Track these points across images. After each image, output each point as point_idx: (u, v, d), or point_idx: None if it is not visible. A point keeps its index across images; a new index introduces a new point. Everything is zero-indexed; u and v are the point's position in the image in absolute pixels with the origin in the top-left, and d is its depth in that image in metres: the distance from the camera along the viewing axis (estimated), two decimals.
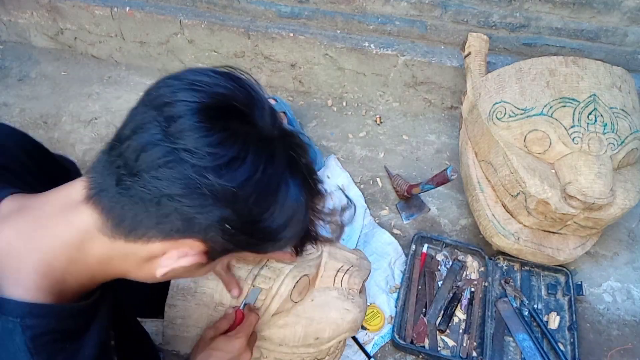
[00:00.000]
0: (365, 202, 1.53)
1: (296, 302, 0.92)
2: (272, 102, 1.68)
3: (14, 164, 0.64)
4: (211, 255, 0.56)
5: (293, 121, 1.64)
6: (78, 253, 0.54)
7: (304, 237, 0.67)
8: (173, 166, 0.48)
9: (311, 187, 0.59)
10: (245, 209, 0.51)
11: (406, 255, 1.38)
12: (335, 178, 1.57)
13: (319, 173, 1.53)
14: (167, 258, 0.54)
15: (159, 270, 0.55)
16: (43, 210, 0.55)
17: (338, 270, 0.98)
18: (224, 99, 0.51)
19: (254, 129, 0.52)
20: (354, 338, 1.23)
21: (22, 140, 0.69)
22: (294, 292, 0.90)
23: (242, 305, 0.87)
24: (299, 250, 0.70)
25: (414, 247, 1.37)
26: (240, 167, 0.49)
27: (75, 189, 0.54)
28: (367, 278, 1.04)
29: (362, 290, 1.02)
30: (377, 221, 1.49)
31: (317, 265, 0.96)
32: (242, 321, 0.85)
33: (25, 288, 0.51)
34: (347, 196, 0.69)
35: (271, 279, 0.90)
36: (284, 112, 1.65)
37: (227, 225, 0.51)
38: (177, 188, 0.48)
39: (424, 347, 1.22)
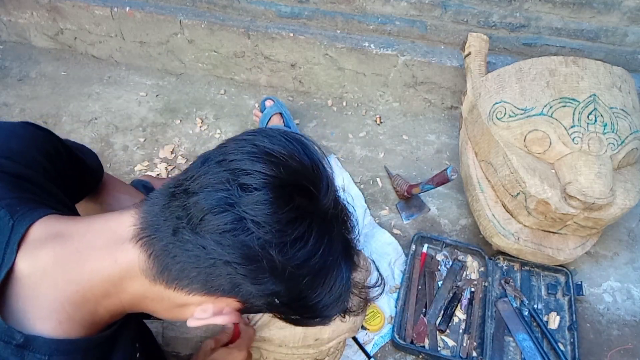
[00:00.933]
0: (365, 202, 1.53)
1: None
2: (269, 103, 1.68)
3: (36, 173, 0.62)
4: (244, 312, 0.57)
5: (289, 121, 1.64)
6: (115, 289, 0.54)
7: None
8: (238, 234, 0.48)
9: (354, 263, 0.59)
10: (297, 288, 0.51)
11: (406, 255, 1.38)
12: (335, 178, 1.57)
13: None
14: (202, 310, 0.54)
15: (192, 322, 0.55)
16: (85, 240, 0.53)
17: None
18: (297, 176, 0.51)
19: (318, 208, 0.52)
20: (354, 338, 1.23)
21: (45, 143, 0.66)
22: None
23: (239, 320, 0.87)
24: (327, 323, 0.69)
25: (414, 247, 1.37)
26: (303, 248, 0.49)
27: (124, 224, 0.53)
28: (368, 279, 1.04)
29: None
30: (377, 221, 1.49)
31: None
32: (239, 335, 0.86)
33: (57, 321, 0.51)
34: (379, 271, 0.69)
35: None
36: (280, 113, 1.65)
37: (276, 300, 0.52)
38: (238, 256, 0.48)
39: (424, 347, 1.22)
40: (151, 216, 0.52)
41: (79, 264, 0.52)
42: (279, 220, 0.48)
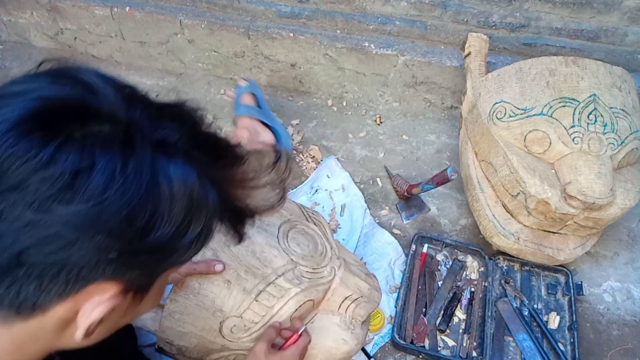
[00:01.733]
0: (365, 202, 1.53)
1: None
2: (243, 82, 1.64)
3: None
4: (131, 290, 0.44)
5: (261, 102, 1.61)
6: None
7: (238, 217, 0.52)
8: (7, 215, 0.36)
9: (210, 150, 0.46)
10: (122, 225, 0.38)
11: (406, 255, 1.38)
12: (335, 178, 1.57)
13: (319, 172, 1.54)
14: (81, 316, 0.43)
15: (78, 332, 0.44)
16: None
17: (346, 298, 0.97)
18: (47, 101, 0.38)
19: (94, 119, 0.39)
20: None
21: None
22: (294, 315, 0.90)
23: (302, 328, 0.86)
24: (240, 233, 0.54)
25: (414, 247, 1.37)
26: (90, 178, 0.37)
27: None
28: (373, 311, 1.04)
29: (365, 322, 1.02)
30: (377, 221, 1.49)
31: (325, 289, 0.95)
32: (294, 340, 0.85)
33: None
34: (273, 149, 0.52)
35: (275, 298, 0.89)
36: (252, 93, 1.61)
37: (110, 255, 0.39)
38: (25, 240, 0.36)
39: (424, 347, 1.22)
40: None
41: None
42: (37, 167, 0.35)
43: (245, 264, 0.90)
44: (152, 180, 0.40)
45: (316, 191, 1.55)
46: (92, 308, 0.42)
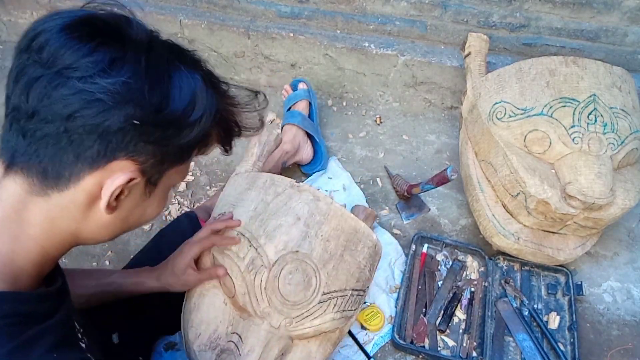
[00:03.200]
0: (366, 202, 1.53)
1: None
2: (302, 85, 1.67)
3: None
4: (146, 173, 0.56)
5: (314, 114, 1.63)
6: (18, 228, 0.53)
7: (227, 131, 0.68)
8: (61, 87, 0.49)
9: (209, 75, 0.60)
10: (144, 99, 0.51)
11: (406, 255, 1.38)
12: (336, 179, 1.57)
13: (320, 175, 1.54)
14: (105, 188, 0.54)
15: (102, 202, 0.54)
16: None
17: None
18: (87, 16, 0.52)
19: (125, 36, 0.53)
20: (354, 338, 1.23)
21: None
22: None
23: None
24: (227, 148, 0.70)
25: (414, 247, 1.37)
26: (123, 64, 0.50)
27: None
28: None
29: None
30: (377, 221, 1.49)
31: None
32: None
33: None
34: (248, 89, 0.70)
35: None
36: (310, 102, 1.64)
37: (135, 121, 0.51)
38: (74, 104, 0.49)
39: (424, 347, 1.22)
40: (5, 143, 0.53)
41: None
42: (85, 53, 0.49)
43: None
44: (167, 71, 0.54)
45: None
46: (113, 181, 0.53)
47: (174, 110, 0.54)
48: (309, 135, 1.58)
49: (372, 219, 1.37)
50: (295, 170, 1.61)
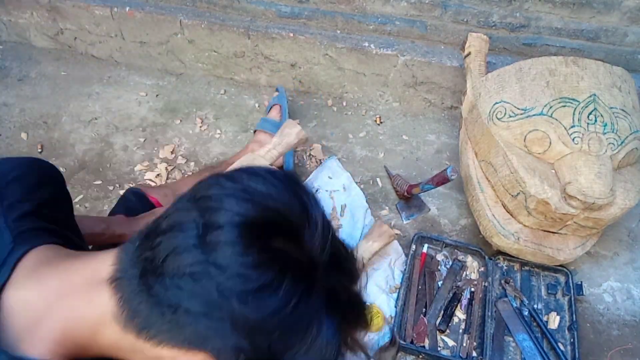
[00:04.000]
0: (367, 202, 1.53)
1: None
2: (274, 93, 1.68)
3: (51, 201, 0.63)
4: None
5: (284, 112, 1.64)
6: (90, 331, 0.51)
7: None
8: (198, 279, 0.44)
9: (350, 323, 0.52)
10: (264, 344, 0.45)
11: (406, 255, 1.38)
12: (337, 178, 1.57)
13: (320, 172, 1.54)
14: None
15: None
16: (69, 276, 0.52)
17: None
18: (273, 215, 0.46)
19: (297, 253, 0.46)
20: None
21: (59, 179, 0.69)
22: None
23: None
24: None
25: (414, 247, 1.37)
26: (270, 297, 0.43)
27: (105, 264, 0.51)
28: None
29: None
30: (394, 239, 1.48)
31: None
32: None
33: (39, 352, 0.48)
34: (394, 335, 0.61)
35: None
36: (279, 105, 1.65)
37: (242, 355, 0.45)
38: (197, 304, 0.44)
39: (424, 347, 1.22)
40: (126, 256, 0.49)
41: (60, 301, 0.50)
42: (243, 264, 0.43)
43: None
44: (308, 323, 0.46)
45: (316, 190, 1.55)
46: None
47: None
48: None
49: (386, 238, 1.33)
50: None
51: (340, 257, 0.50)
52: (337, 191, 1.54)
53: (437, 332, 1.25)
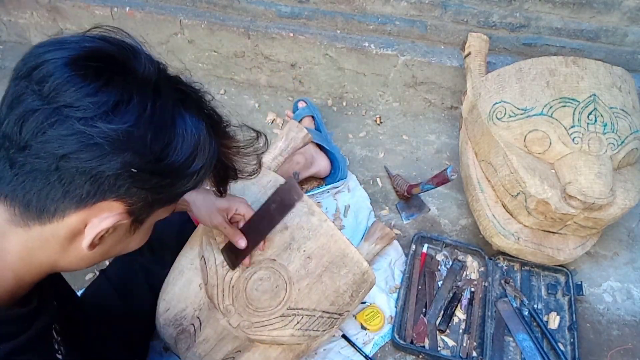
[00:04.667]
0: (370, 203, 1.53)
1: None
2: (301, 104, 1.67)
3: None
4: (134, 214, 0.54)
5: (320, 125, 1.63)
6: None
7: (224, 175, 0.67)
8: (59, 125, 0.46)
9: (214, 121, 0.58)
10: (145, 148, 0.49)
11: (406, 255, 1.38)
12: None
13: (341, 185, 1.53)
14: (89, 228, 0.52)
15: (84, 241, 0.53)
16: None
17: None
18: (93, 50, 0.49)
19: (132, 74, 0.50)
20: (349, 341, 1.23)
21: None
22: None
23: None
24: (222, 190, 0.70)
25: (414, 247, 1.37)
26: (127, 107, 0.48)
27: None
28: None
29: None
30: (395, 240, 1.48)
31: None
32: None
33: None
34: (252, 128, 0.68)
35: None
36: (312, 116, 1.64)
37: (133, 170, 0.49)
38: (70, 145, 0.46)
39: (424, 347, 1.22)
40: None
41: None
42: (88, 93, 0.46)
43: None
44: (171, 119, 0.52)
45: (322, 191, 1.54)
46: (100, 222, 0.52)
47: (174, 161, 0.52)
48: (321, 148, 1.57)
49: (387, 240, 1.34)
50: (321, 184, 1.59)
51: (178, 77, 0.57)
52: (342, 192, 1.54)
53: (437, 332, 1.25)
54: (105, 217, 0.52)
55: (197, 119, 0.55)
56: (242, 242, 0.88)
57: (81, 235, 0.53)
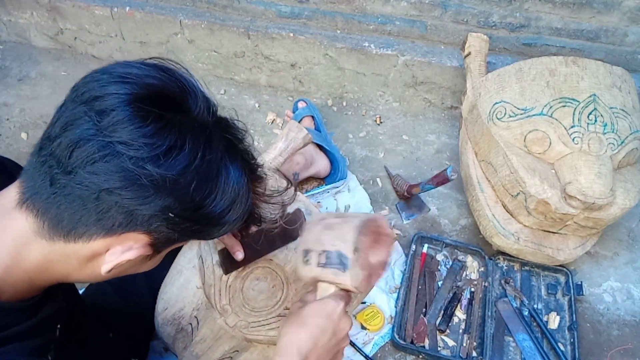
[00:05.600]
0: (370, 204, 1.53)
1: None
2: (301, 104, 1.67)
3: None
4: (156, 246, 0.56)
5: (320, 125, 1.63)
6: (13, 260, 0.53)
7: (248, 220, 0.68)
8: (110, 159, 0.47)
9: (251, 170, 0.60)
10: (187, 196, 0.51)
11: (406, 255, 1.38)
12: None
13: (341, 185, 1.53)
14: (110, 254, 0.54)
15: (104, 267, 0.54)
16: None
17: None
18: (155, 89, 0.51)
19: (188, 117, 0.52)
20: (350, 341, 1.23)
21: None
22: None
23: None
24: (243, 233, 0.73)
25: (414, 247, 1.37)
26: (179, 155, 0.49)
27: (10, 195, 0.53)
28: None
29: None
30: (397, 241, 1.48)
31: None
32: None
33: None
34: (286, 177, 0.71)
35: None
36: (312, 116, 1.64)
37: (170, 214, 0.51)
38: (116, 181, 0.48)
39: (424, 347, 1.22)
40: (29, 177, 0.52)
41: None
42: (145, 134, 0.47)
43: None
44: (217, 170, 0.53)
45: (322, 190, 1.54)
46: (122, 251, 0.53)
47: (211, 211, 0.54)
48: (321, 148, 1.56)
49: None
50: (321, 184, 1.59)
51: (224, 118, 0.59)
52: (341, 192, 1.54)
53: (437, 332, 1.25)
54: (129, 246, 0.53)
55: (240, 172, 0.57)
56: (239, 255, 0.89)
57: (101, 257, 0.54)
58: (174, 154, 0.49)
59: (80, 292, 1.12)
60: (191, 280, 0.97)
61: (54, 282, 0.58)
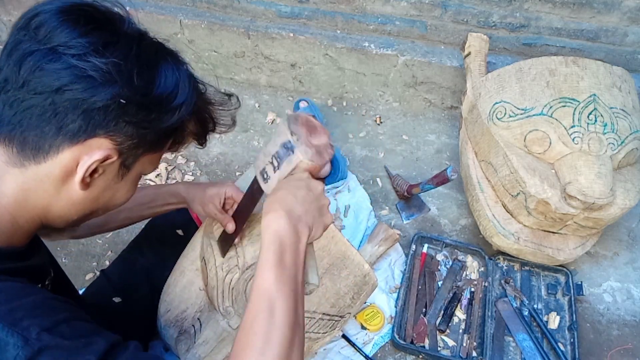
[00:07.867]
0: (370, 204, 1.53)
1: None
2: (303, 104, 1.67)
3: None
4: (122, 154, 0.58)
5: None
6: None
7: (203, 127, 0.74)
8: (55, 61, 0.51)
9: (189, 72, 0.66)
10: (132, 81, 0.54)
11: (406, 255, 1.38)
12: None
13: (341, 185, 1.53)
14: (81, 164, 0.56)
15: (77, 176, 0.56)
16: None
17: None
18: (84, 3, 0.56)
19: (118, 26, 0.57)
20: (349, 340, 1.23)
21: None
22: None
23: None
24: (202, 142, 0.76)
25: (414, 247, 1.37)
26: (116, 46, 0.54)
27: None
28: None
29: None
30: (398, 242, 1.48)
31: None
32: None
33: None
34: (224, 92, 0.77)
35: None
36: (313, 116, 1.64)
37: (121, 100, 0.54)
38: (65, 78, 0.51)
39: (424, 347, 1.22)
40: None
41: None
42: (80, 34, 0.52)
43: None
44: (155, 59, 0.59)
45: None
46: (90, 157, 0.55)
47: (158, 94, 0.58)
48: None
49: (391, 242, 1.34)
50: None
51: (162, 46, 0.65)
52: (342, 192, 1.54)
53: (437, 332, 1.25)
54: (95, 152, 0.56)
55: (177, 62, 0.63)
56: (230, 226, 0.90)
57: (74, 176, 0.57)
58: (111, 46, 0.53)
59: (81, 292, 1.12)
60: (194, 282, 0.97)
61: (35, 220, 0.60)
